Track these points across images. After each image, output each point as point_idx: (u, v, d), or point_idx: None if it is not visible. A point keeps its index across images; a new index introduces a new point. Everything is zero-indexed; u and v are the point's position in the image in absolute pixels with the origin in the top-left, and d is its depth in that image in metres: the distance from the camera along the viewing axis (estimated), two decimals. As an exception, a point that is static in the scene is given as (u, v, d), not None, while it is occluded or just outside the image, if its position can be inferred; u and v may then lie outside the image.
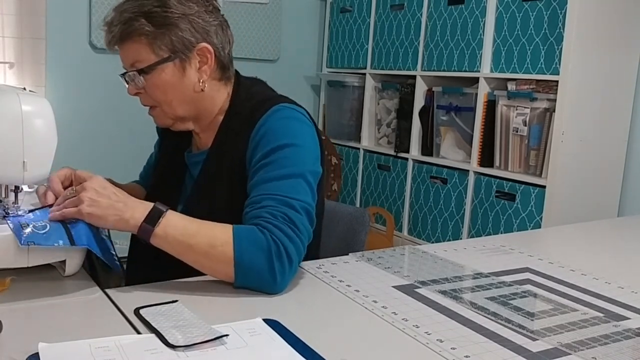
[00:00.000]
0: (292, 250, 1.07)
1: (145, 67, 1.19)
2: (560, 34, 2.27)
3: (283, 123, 1.21)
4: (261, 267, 1.04)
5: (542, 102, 2.37)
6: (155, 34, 1.18)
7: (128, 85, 1.24)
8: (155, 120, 1.30)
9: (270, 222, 1.08)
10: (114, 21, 1.20)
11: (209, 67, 1.23)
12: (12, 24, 2.73)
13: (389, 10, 3.06)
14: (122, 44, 1.21)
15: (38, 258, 1.02)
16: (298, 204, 1.12)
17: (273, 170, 1.15)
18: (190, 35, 1.20)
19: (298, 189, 1.14)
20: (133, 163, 3.10)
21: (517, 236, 1.84)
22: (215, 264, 1.05)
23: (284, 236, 1.07)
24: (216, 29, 1.25)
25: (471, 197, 2.64)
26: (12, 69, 2.76)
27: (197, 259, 1.06)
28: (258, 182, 1.15)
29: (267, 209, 1.10)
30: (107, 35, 1.22)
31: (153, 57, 1.19)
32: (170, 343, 0.83)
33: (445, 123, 2.81)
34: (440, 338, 0.91)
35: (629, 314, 1.05)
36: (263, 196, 1.12)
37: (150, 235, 1.04)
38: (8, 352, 0.79)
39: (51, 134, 1.09)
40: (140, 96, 1.26)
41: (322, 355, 0.83)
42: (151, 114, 1.28)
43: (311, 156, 1.21)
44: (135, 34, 1.18)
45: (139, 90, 1.24)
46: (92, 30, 2.93)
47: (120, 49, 1.22)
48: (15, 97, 1.05)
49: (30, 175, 1.08)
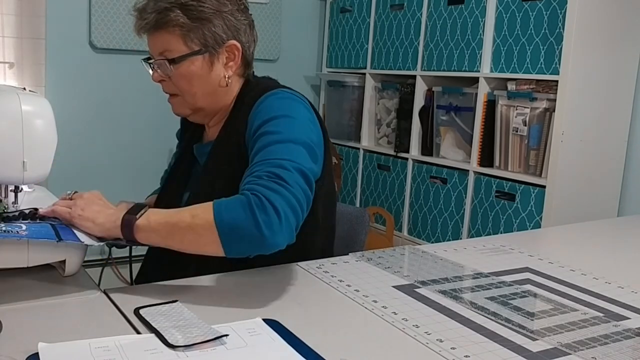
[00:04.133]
0: (279, 201, 1.00)
1: (176, 57, 1.22)
2: (560, 34, 2.27)
3: (279, 100, 1.22)
4: (244, 222, 0.98)
5: (542, 102, 2.37)
6: (190, 26, 1.21)
7: (152, 71, 1.26)
8: (174, 108, 1.32)
9: (253, 182, 1.04)
10: (147, 8, 1.22)
11: (235, 63, 1.28)
12: (12, 24, 2.73)
13: (388, 10, 3.06)
14: (155, 32, 1.23)
15: (38, 258, 1.02)
16: (289, 164, 1.07)
17: (266, 139, 1.13)
18: (222, 31, 1.24)
19: (292, 151, 1.10)
20: (133, 163, 3.11)
21: (517, 236, 1.84)
22: (199, 235, 1.01)
23: (266, 189, 1.01)
24: (245, 28, 1.29)
25: (471, 197, 2.64)
26: (12, 69, 2.76)
27: (183, 236, 1.02)
28: (253, 155, 1.13)
29: (254, 173, 1.07)
30: (139, 22, 1.23)
31: (184, 49, 1.22)
32: (170, 343, 0.83)
33: (445, 123, 2.81)
34: (440, 338, 0.91)
35: (629, 314, 1.05)
36: (254, 164, 1.10)
37: (133, 227, 1.03)
38: (8, 352, 0.79)
39: (51, 134, 1.10)
40: (163, 84, 1.28)
41: (322, 355, 0.83)
42: (171, 101, 1.31)
43: (305, 130, 1.18)
44: (170, 24, 1.21)
45: (163, 77, 1.26)
46: (92, 30, 2.93)
47: (151, 36, 1.24)
48: (15, 97, 1.06)
49: (30, 175, 1.08)
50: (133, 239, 1.05)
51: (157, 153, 3.06)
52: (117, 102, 3.06)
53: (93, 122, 3.04)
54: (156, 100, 3.17)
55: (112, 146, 3.11)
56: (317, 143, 1.20)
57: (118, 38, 2.98)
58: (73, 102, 2.95)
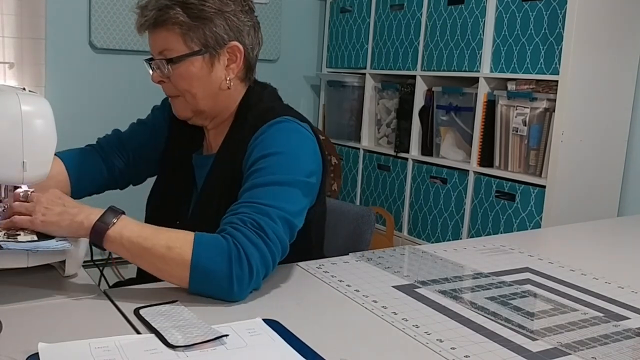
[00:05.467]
0: (256, 257, 1.01)
1: (174, 57, 1.19)
2: (560, 34, 2.27)
3: (281, 133, 1.18)
4: (218, 272, 0.99)
5: (542, 102, 2.37)
6: (190, 25, 1.18)
7: (152, 72, 1.24)
8: (175, 110, 1.28)
9: (236, 228, 1.03)
10: (148, 5, 1.19)
11: (237, 66, 1.24)
12: (12, 24, 2.73)
13: (388, 10, 3.06)
14: (154, 30, 1.21)
15: (38, 258, 1.02)
16: (274, 212, 1.06)
17: (260, 177, 1.12)
18: (223, 32, 1.21)
19: (281, 196, 1.09)
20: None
21: (517, 236, 1.84)
22: (171, 267, 0.99)
23: (248, 242, 1.01)
24: (249, 30, 1.25)
25: (471, 197, 2.64)
26: (12, 69, 2.76)
27: (153, 262, 1.00)
28: (245, 190, 1.12)
29: (239, 215, 1.06)
30: (140, 19, 1.21)
31: (184, 48, 1.19)
32: (170, 343, 0.83)
33: (445, 123, 2.81)
34: (440, 338, 0.91)
35: (629, 314, 1.05)
36: (242, 204, 1.08)
37: (103, 237, 1.00)
38: (8, 352, 0.79)
39: (51, 134, 1.10)
40: (163, 85, 1.25)
41: (321, 355, 0.83)
42: (172, 102, 1.28)
43: (305, 167, 1.16)
44: (169, 22, 1.18)
45: (163, 78, 1.23)
46: (92, 30, 2.93)
47: (151, 34, 1.22)
48: (15, 97, 1.05)
49: (30, 175, 1.08)
50: (100, 246, 1.02)
51: (157, 153, 3.05)
52: (117, 102, 3.06)
53: (93, 122, 3.04)
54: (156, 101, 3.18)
55: (112, 146, 3.11)
56: (316, 171, 1.20)
57: (118, 38, 2.98)
58: (73, 102, 2.95)
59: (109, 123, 3.05)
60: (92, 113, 3.02)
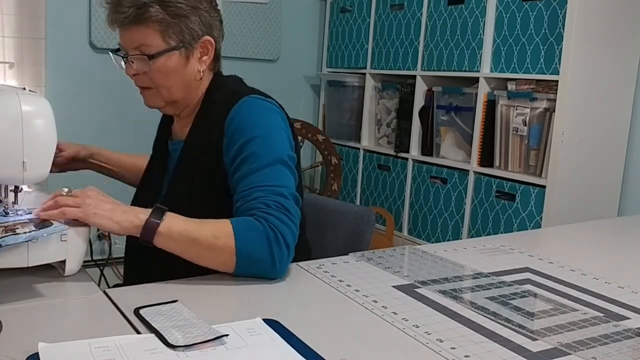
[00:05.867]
0: (288, 235, 1.12)
1: (154, 52, 1.23)
2: (560, 34, 2.27)
3: (253, 113, 1.26)
4: (262, 255, 1.09)
5: (542, 102, 2.37)
6: (168, 22, 1.23)
7: (126, 65, 1.27)
8: (146, 101, 1.34)
9: (265, 211, 1.13)
10: (124, 2, 1.21)
11: (209, 58, 1.31)
12: (12, 24, 2.73)
13: (389, 10, 3.06)
14: (132, 27, 1.23)
15: (38, 258, 1.02)
16: (285, 191, 1.17)
17: (253, 162, 1.19)
18: (198, 27, 1.27)
19: (281, 175, 1.19)
20: (133, 163, 3.10)
21: (517, 236, 1.84)
22: (218, 256, 1.09)
23: (280, 223, 1.11)
24: (217, 24, 1.33)
25: (471, 197, 2.64)
26: (12, 69, 2.76)
27: (201, 253, 1.09)
28: (242, 177, 1.19)
29: (259, 199, 1.15)
30: (114, 14, 1.23)
31: (162, 44, 1.24)
32: (170, 343, 0.83)
33: (445, 123, 2.81)
34: (440, 338, 0.91)
35: (629, 314, 1.05)
36: (251, 189, 1.17)
37: (154, 232, 1.06)
38: (8, 352, 0.79)
39: (51, 134, 1.10)
40: (136, 77, 1.29)
41: (322, 355, 0.83)
42: (143, 94, 1.33)
43: (283, 142, 1.25)
44: (149, 20, 1.22)
45: (138, 72, 1.27)
46: (92, 30, 2.93)
47: (126, 30, 1.24)
48: (15, 97, 1.06)
49: (30, 175, 1.08)
50: (149, 241, 1.07)
51: (157, 153, 3.05)
52: (117, 102, 3.06)
53: (93, 122, 3.04)
54: (156, 100, 3.18)
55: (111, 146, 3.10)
56: (292, 147, 1.28)
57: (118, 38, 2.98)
58: (73, 102, 2.95)
59: (108, 123, 3.08)
60: (92, 113, 3.02)
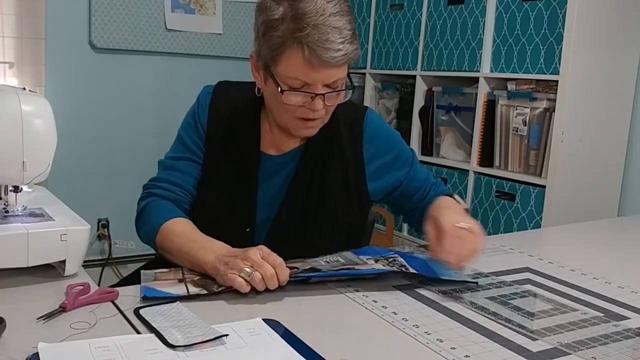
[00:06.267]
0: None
1: (348, 84, 1.23)
2: (560, 34, 2.27)
3: (384, 123, 1.41)
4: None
5: (542, 102, 2.37)
6: (357, 50, 1.20)
7: (319, 102, 1.19)
8: (311, 132, 1.26)
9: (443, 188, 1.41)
10: (336, 38, 1.12)
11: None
12: (12, 24, 2.73)
13: (388, 10, 3.06)
14: (343, 65, 1.18)
15: (38, 258, 1.02)
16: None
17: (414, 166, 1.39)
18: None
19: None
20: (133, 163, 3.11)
21: (517, 236, 1.84)
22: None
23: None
24: None
25: (471, 197, 2.64)
26: (12, 69, 2.76)
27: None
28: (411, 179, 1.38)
29: (437, 187, 1.40)
30: (330, 54, 1.12)
31: (345, 73, 1.22)
32: (170, 343, 0.83)
33: (445, 123, 2.81)
34: (440, 338, 0.91)
35: (629, 314, 1.05)
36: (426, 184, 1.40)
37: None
38: (8, 352, 0.79)
39: (51, 134, 1.10)
40: (317, 112, 1.21)
41: (322, 355, 0.83)
42: (310, 124, 1.24)
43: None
44: (356, 54, 1.19)
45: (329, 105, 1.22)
46: (92, 30, 2.93)
47: (338, 68, 1.17)
48: (15, 97, 1.06)
49: (30, 175, 1.08)
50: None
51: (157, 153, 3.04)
52: (117, 102, 3.06)
53: (93, 122, 3.04)
54: (156, 100, 3.18)
55: (112, 146, 3.11)
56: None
57: (118, 38, 2.98)
58: (73, 102, 2.95)
59: (109, 123, 3.08)
60: (92, 113, 3.02)
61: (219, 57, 3.27)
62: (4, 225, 1.05)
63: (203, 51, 3.22)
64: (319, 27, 1.11)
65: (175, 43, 3.14)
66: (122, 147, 3.12)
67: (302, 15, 1.11)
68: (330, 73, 1.16)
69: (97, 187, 3.05)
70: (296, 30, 1.12)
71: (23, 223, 1.06)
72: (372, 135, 1.35)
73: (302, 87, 1.17)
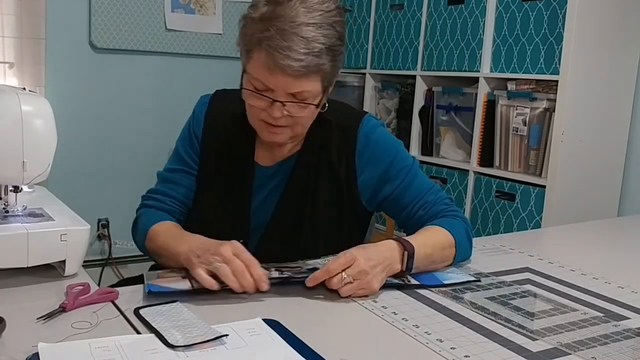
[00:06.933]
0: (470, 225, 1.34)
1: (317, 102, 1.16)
2: (560, 34, 2.27)
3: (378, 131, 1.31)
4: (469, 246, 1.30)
5: (542, 102, 2.37)
6: (332, 68, 1.16)
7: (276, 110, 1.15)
8: (278, 138, 1.22)
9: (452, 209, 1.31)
10: (299, 48, 1.08)
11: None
12: (12, 24, 2.73)
13: (388, 10, 3.06)
14: (303, 76, 1.11)
15: (38, 258, 1.02)
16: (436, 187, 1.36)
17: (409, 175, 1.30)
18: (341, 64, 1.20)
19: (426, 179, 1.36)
20: (133, 163, 3.11)
21: (517, 236, 1.84)
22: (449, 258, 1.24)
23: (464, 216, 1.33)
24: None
25: (471, 197, 2.64)
26: (12, 69, 2.76)
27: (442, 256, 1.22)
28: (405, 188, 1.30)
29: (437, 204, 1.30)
30: (287, 61, 1.08)
31: (320, 91, 1.16)
32: (170, 343, 0.84)
33: (445, 123, 2.81)
34: (440, 338, 0.91)
35: (629, 314, 1.05)
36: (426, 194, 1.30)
37: (412, 259, 1.14)
38: (8, 352, 0.80)
39: (51, 134, 1.10)
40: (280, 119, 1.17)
41: (321, 355, 0.83)
42: (276, 131, 1.20)
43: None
44: (320, 71, 1.13)
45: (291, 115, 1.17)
46: (92, 30, 2.93)
47: (296, 78, 1.11)
48: (15, 97, 1.06)
49: (30, 175, 1.08)
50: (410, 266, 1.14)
51: (157, 153, 3.06)
52: (117, 102, 3.06)
53: (93, 122, 3.04)
54: (156, 100, 3.18)
55: (112, 146, 3.11)
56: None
57: (118, 38, 2.98)
58: (73, 102, 2.96)
59: (109, 123, 3.08)
60: (92, 113, 3.02)
61: (219, 57, 3.27)
62: (4, 225, 1.05)
63: (203, 51, 3.22)
64: (285, 32, 1.08)
65: (175, 43, 3.14)
66: (122, 147, 3.12)
67: (274, 18, 1.10)
68: (288, 81, 1.11)
69: (97, 187, 3.05)
70: (263, 31, 1.10)
71: (23, 223, 1.06)
72: (366, 144, 1.28)
73: (264, 91, 1.14)
